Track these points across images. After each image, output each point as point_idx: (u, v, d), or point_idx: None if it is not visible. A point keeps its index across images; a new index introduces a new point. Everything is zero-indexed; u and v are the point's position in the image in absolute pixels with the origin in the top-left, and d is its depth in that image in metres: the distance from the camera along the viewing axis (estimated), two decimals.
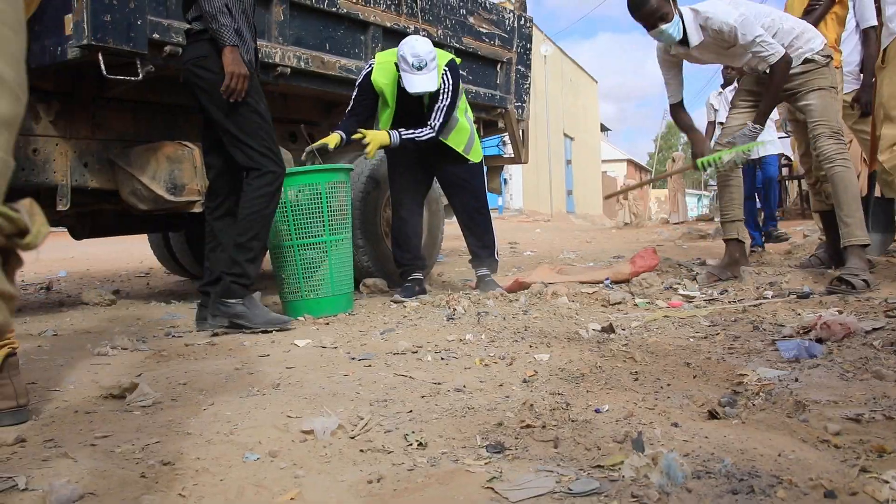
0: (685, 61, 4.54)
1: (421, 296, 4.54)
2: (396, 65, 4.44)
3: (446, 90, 4.52)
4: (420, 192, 4.84)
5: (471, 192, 4.79)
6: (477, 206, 4.81)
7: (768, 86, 4.27)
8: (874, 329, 2.83)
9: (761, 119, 4.33)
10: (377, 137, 4.35)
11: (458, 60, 4.76)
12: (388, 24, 5.42)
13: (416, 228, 4.84)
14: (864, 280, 3.89)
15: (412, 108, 4.56)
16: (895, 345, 2.53)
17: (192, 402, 2.21)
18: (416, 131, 4.45)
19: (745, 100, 4.56)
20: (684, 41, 4.29)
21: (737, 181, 4.60)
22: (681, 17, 4.21)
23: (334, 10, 5.01)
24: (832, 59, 4.37)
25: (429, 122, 4.48)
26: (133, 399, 2.22)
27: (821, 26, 4.67)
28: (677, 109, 4.72)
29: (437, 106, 4.50)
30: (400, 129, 4.42)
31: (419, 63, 4.31)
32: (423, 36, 5.63)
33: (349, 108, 4.61)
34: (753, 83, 4.53)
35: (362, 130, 4.39)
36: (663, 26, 4.16)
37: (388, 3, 5.44)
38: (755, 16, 4.22)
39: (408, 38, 4.46)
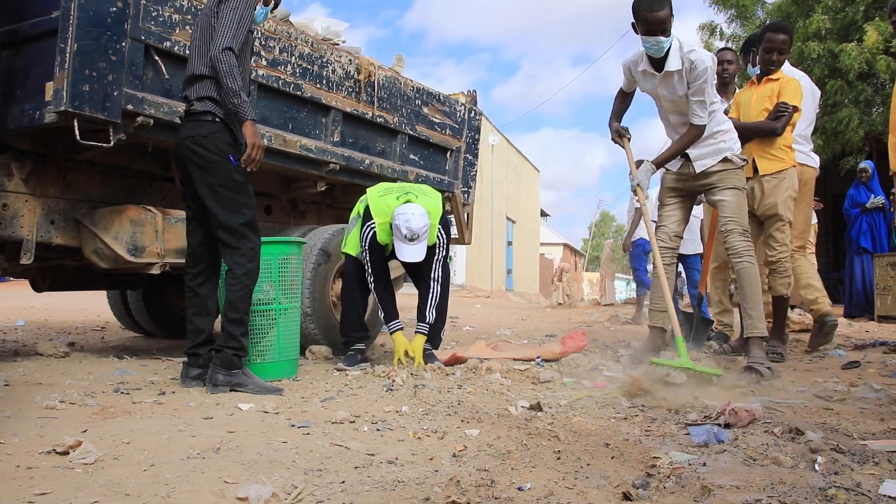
0: (639, 88, 4.62)
1: (363, 365, 4.50)
2: (391, 225, 4.49)
3: (442, 244, 4.67)
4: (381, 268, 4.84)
5: (430, 267, 4.78)
6: (433, 282, 4.77)
7: (679, 139, 4.41)
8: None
9: (660, 162, 4.47)
10: (417, 346, 4.52)
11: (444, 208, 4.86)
12: (348, 110, 5.49)
13: (365, 303, 4.84)
14: (768, 368, 4.06)
15: None
16: (793, 432, 2.57)
17: (133, 462, 2.14)
18: (431, 300, 4.62)
19: (671, 197, 4.67)
20: (660, 64, 4.30)
21: (671, 274, 4.68)
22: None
23: (299, 93, 5.07)
24: (746, 162, 4.55)
25: (432, 276, 4.64)
26: (76, 456, 2.14)
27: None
28: (622, 94, 4.73)
29: (436, 259, 4.65)
30: (425, 320, 4.58)
31: (412, 236, 4.39)
32: (381, 122, 5.72)
33: (373, 272, 4.56)
34: (674, 181, 4.66)
35: (409, 356, 4.47)
36: (662, 38, 4.14)
37: (349, 90, 5.51)
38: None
39: (406, 210, 4.41)
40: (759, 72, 5.17)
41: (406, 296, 6.91)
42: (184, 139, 3.67)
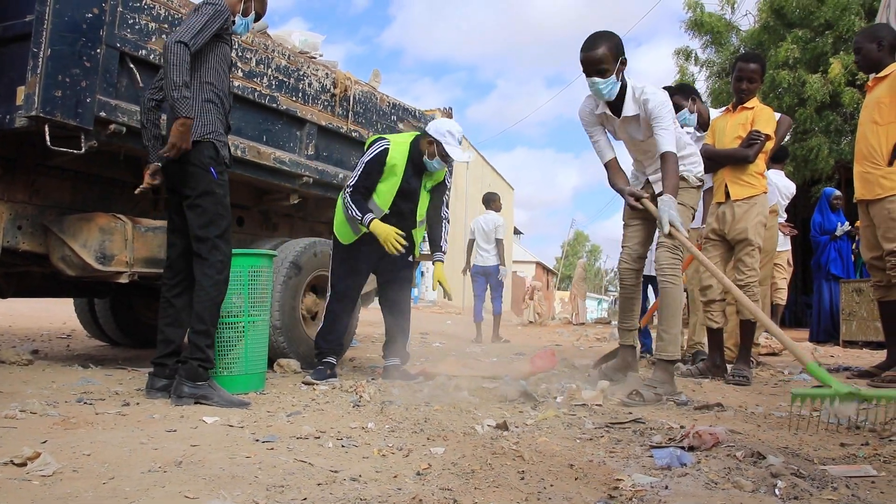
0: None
1: (331, 379, 4.48)
2: (415, 143, 4.74)
3: (448, 184, 5.02)
4: (361, 286, 4.88)
5: (408, 287, 4.92)
6: (408, 301, 4.93)
7: (667, 172, 4.14)
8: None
9: (674, 191, 4.12)
10: (440, 274, 4.97)
11: None
12: (323, 123, 5.49)
13: (348, 318, 4.86)
14: (656, 393, 3.98)
15: (412, 186, 4.80)
16: (755, 456, 2.60)
17: (93, 475, 2.11)
18: (444, 232, 5.01)
19: (633, 217, 4.63)
20: (616, 108, 4.26)
21: (637, 294, 4.71)
22: (623, 84, 4.19)
23: (274, 105, 5.06)
24: (703, 183, 4.58)
25: (442, 215, 4.98)
26: (33, 468, 2.10)
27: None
28: (611, 168, 4.50)
29: (446, 199, 5.01)
30: (441, 249, 4.99)
31: (460, 138, 4.70)
32: (356, 137, 5.75)
33: (362, 182, 4.65)
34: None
35: (440, 281, 4.94)
36: (598, 79, 4.08)
37: (325, 103, 5.52)
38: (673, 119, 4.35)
39: (441, 119, 4.88)
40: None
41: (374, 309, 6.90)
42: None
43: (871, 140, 4.86)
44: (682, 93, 5.68)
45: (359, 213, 4.52)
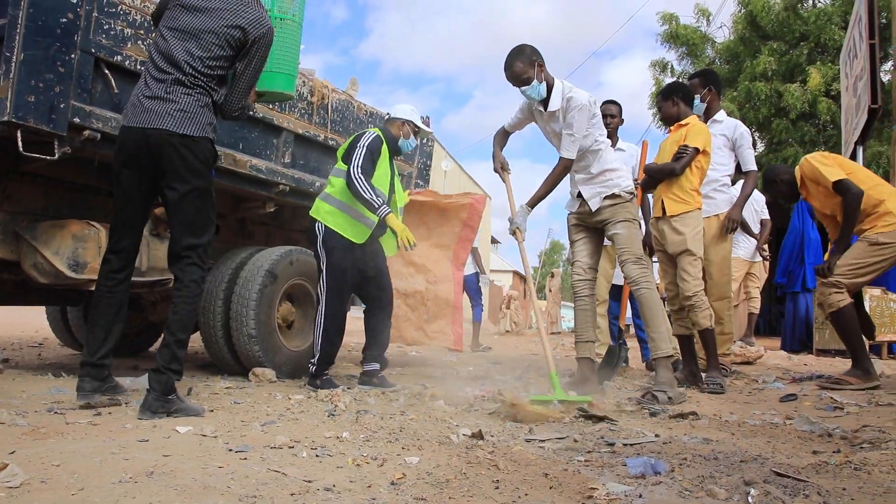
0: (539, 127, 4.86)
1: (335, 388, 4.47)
2: (385, 132, 4.96)
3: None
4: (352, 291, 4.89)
5: (390, 292, 4.91)
6: (391, 307, 4.92)
7: (548, 175, 4.62)
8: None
9: (534, 202, 4.66)
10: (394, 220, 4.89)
11: None
12: (300, 131, 5.47)
13: (343, 325, 4.87)
14: (668, 396, 4.25)
15: (392, 174, 4.97)
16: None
17: (61, 486, 2.08)
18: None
19: (577, 233, 4.88)
20: (545, 103, 4.57)
21: (591, 305, 4.78)
22: (549, 84, 4.53)
23: (251, 113, 5.02)
24: (634, 195, 4.75)
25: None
26: (0, 479, 2.07)
27: (686, 172, 5.02)
28: (503, 131, 4.98)
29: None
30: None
31: (421, 114, 5.15)
32: (333, 145, 5.74)
33: (367, 164, 4.65)
34: (576, 219, 4.86)
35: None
36: (524, 87, 4.50)
37: (302, 111, 5.50)
38: (596, 129, 4.60)
39: (399, 105, 5.07)
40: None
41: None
42: (170, 134, 3.39)
43: None
44: (616, 105, 6.13)
45: (377, 199, 4.50)
